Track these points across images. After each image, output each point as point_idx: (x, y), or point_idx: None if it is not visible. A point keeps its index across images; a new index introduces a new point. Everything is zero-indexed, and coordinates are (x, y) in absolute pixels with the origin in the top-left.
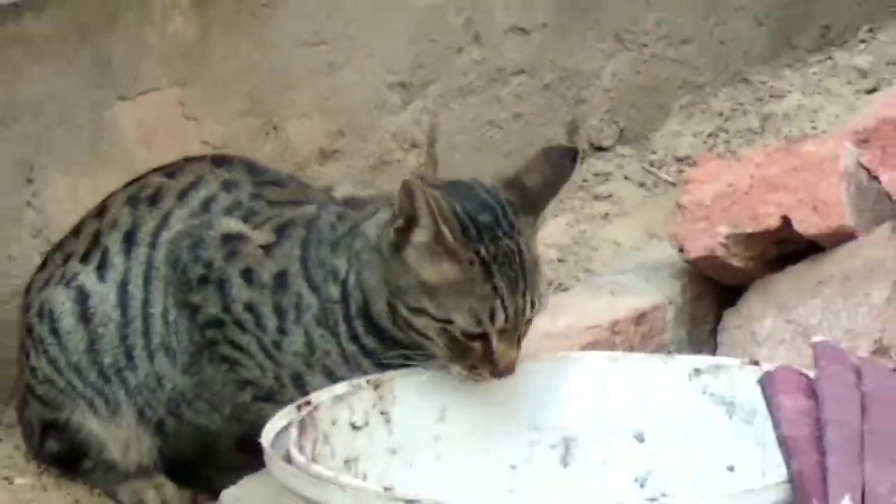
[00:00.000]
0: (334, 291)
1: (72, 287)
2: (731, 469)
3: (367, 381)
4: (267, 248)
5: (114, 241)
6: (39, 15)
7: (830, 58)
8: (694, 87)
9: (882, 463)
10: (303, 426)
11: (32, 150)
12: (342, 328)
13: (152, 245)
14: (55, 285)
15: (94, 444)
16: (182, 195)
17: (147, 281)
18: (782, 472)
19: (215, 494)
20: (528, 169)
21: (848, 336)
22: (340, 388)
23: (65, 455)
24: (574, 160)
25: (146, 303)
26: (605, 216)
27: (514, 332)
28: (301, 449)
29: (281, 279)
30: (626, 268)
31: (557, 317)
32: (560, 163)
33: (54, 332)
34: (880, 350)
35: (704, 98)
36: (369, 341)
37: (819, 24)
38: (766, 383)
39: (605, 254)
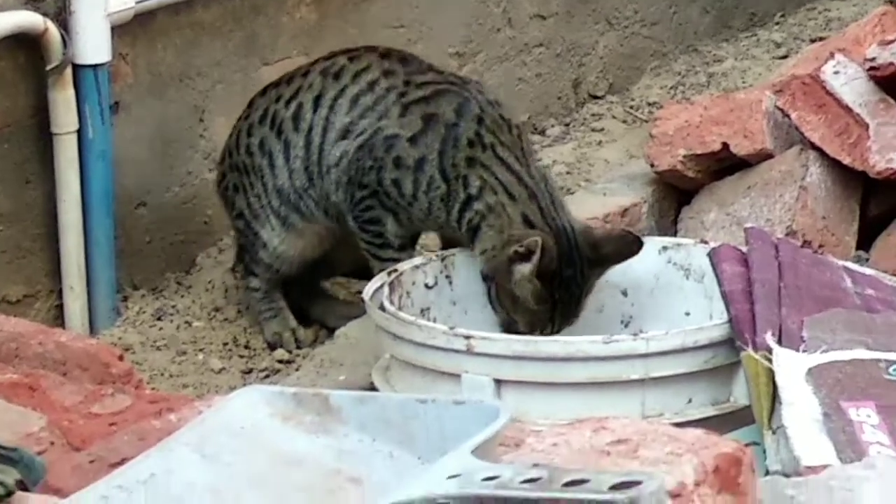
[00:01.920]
0: (460, 194)
1: (281, 133)
2: (687, 314)
3: (436, 255)
4: (413, 139)
5: (307, 100)
6: (207, 6)
7: (755, 35)
8: (660, 55)
9: (792, 309)
10: (392, 286)
11: (203, 99)
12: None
13: (331, 108)
14: (270, 128)
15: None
16: (356, 76)
17: (325, 131)
18: (724, 316)
19: (331, 332)
20: (608, 237)
21: (768, 224)
22: (418, 259)
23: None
24: (639, 247)
25: (322, 147)
26: (599, 143)
27: None
28: (391, 301)
29: (420, 164)
30: (614, 177)
31: None
32: (629, 246)
33: (271, 165)
34: (791, 233)
35: (668, 63)
36: None
37: (747, 11)
38: (713, 255)
39: (599, 168)
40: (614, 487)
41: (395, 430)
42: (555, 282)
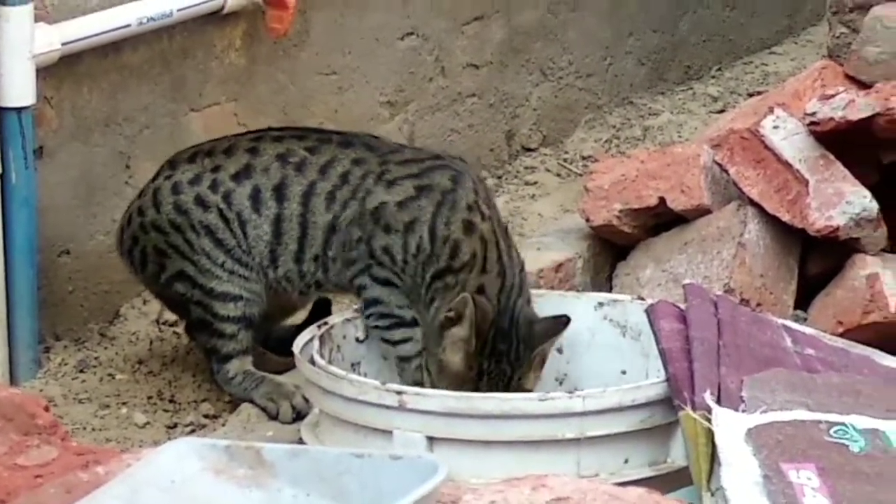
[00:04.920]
0: (442, 260)
1: (228, 202)
2: (623, 373)
3: None
4: (402, 204)
5: (266, 187)
6: (136, 49)
7: (691, 88)
8: (595, 107)
9: (731, 368)
10: (322, 339)
11: (129, 145)
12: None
13: (304, 205)
14: (209, 189)
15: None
16: (323, 170)
17: (304, 226)
18: (661, 375)
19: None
20: (544, 320)
21: (706, 281)
22: (349, 313)
23: None
24: (566, 326)
25: (302, 237)
26: (533, 196)
27: None
28: (321, 355)
29: (411, 226)
30: (548, 232)
31: None
32: (557, 325)
33: (224, 219)
34: (728, 291)
35: (602, 115)
36: None
37: (683, 64)
38: (650, 312)
39: (533, 222)
40: None
41: (329, 485)
42: (485, 350)
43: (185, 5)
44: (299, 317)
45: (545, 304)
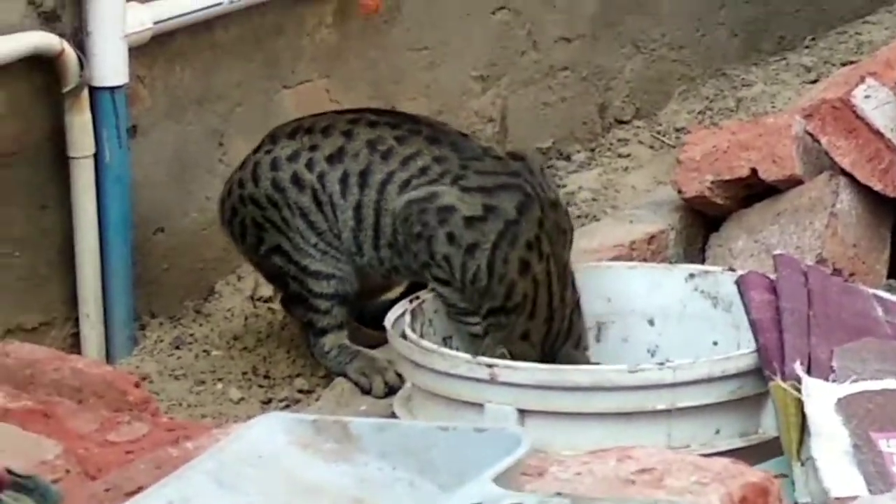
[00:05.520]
0: (497, 300)
1: (322, 183)
2: (715, 343)
3: None
4: (470, 221)
5: (353, 172)
6: (227, 28)
7: (784, 58)
8: (688, 79)
9: (822, 338)
10: (414, 314)
11: (222, 122)
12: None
13: (380, 192)
14: (305, 168)
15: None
16: (405, 161)
17: (378, 212)
18: (752, 346)
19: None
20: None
21: (797, 251)
22: None
23: None
24: None
25: (376, 224)
26: (626, 169)
27: None
28: (413, 329)
29: (472, 249)
30: (640, 204)
31: (593, 238)
32: None
33: (317, 201)
34: (821, 261)
35: (696, 87)
36: None
37: (776, 34)
38: (741, 283)
39: (626, 195)
40: None
41: (415, 459)
42: None
43: None
44: (395, 291)
45: (637, 276)
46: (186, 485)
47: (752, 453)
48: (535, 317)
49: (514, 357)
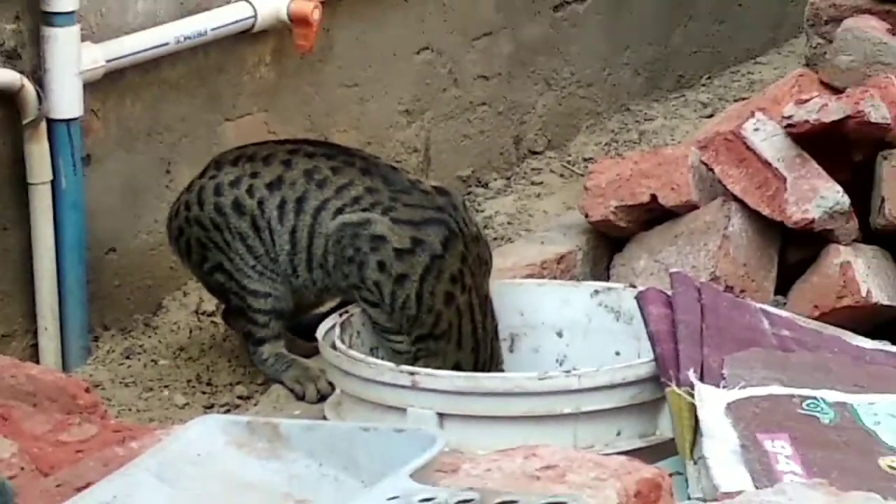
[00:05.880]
0: (425, 327)
1: (262, 209)
2: (617, 353)
3: None
4: (400, 253)
5: (290, 199)
6: (174, 65)
7: (683, 95)
8: (595, 114)
9: (713, 348)
10: (343, 326)
11: (169, 152)
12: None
13: (315, 217)
14: (246, 193)
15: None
16: (339, 190)
17: (311, 236)
18: (650, 355)
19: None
20: None
21: (693, 270)
22: None
23: None
24: None
25: (310, 247)
26: (538, 195)
27: None
28: (342, 340)
29: (401, 280)
30: (551, 227)
31: (508, 258)
32: None
33: (255, 227)
34: (714, 279)
35: (602, 121)
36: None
37: (676, 73)
38: (640, 298)
39: (538, 219)
40: None
41: (340, 456)
42: None
43: (219, 25)
44: (327, 305)
45: (547, 292)
46: (130, 481)
47: (651, 453)
48: (462, 346)
49: None
